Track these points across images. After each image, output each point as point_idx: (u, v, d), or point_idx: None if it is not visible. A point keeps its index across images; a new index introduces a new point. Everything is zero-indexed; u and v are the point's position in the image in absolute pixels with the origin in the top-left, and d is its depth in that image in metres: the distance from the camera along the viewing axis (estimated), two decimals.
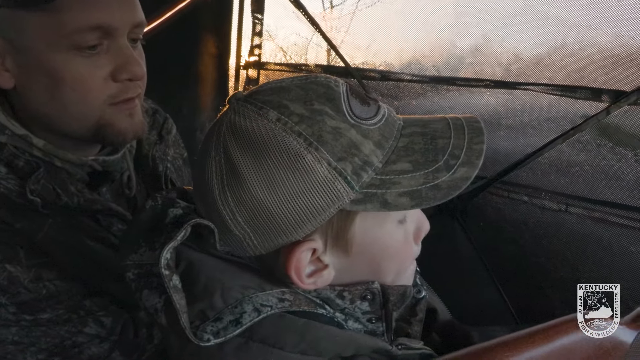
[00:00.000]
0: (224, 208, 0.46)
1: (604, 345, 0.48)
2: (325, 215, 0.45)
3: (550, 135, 1.55)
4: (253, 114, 0.46)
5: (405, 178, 0.45)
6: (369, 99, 0.49)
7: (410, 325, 0.56)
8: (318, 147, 0.44)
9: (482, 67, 1.71)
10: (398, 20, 1.94)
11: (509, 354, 0.45)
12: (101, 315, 0.64)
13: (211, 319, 0.43)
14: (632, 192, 1.46)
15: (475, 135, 0.47)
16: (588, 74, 1.49)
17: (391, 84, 1.89)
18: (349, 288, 0.48)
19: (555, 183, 1.64)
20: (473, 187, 1.75)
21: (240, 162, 0.45)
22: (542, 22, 1.53)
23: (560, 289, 1.59)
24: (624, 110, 1.39)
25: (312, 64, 2.08)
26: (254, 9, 2.04)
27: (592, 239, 1.54)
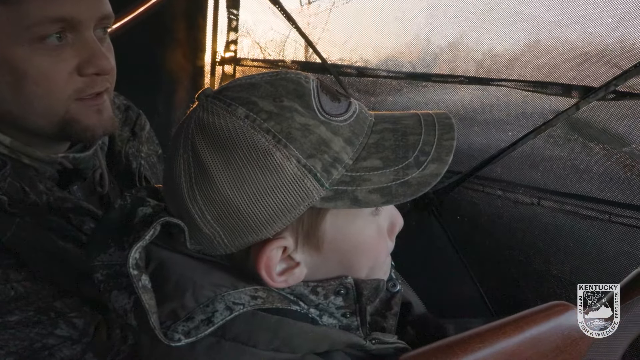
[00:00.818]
0: (193, 206, 0.45)
1: (572, 335, 0.49)
2: (295, 213, 0.44)
3: (523, 131, 1.58)
4: (221, 110, 0.45)
5: (376, 175, 0.45)
6: (339, 95, 0.48)
7: (386, 319, 0.57)
8: (287, 144, 0.43)
9: (456, 64, 1.73)
10: (374, 17, 1.95)
11: (481, 345, 0.46)
12: (73, 317, 0.62)
13: (182, 318, 0.43)
14: (600, 185, 1.51)
15: (446, 131, 0.47)
16: (559, 71, 1.53)
17: (368, 80, 1.90)
18: (323, 284, 0.48)
19: (528, 177, 1.67)
20: (449, 182, 1.78)
21: (208, 160, 0.44)
22: (514, 20, 1.55)
23: (533, 281, 1.63)
24: (592, 105, 1.43)
25: (289, 60, 2.07)
26: (229, 4, 2.02)
27: (564, 231, 1.58)
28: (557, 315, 0.50)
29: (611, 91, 1.38)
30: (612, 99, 1.40)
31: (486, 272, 1.76)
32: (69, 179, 0.71)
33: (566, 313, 0.50)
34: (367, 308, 0.49)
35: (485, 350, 0.46)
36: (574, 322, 0.50)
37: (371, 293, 0.49)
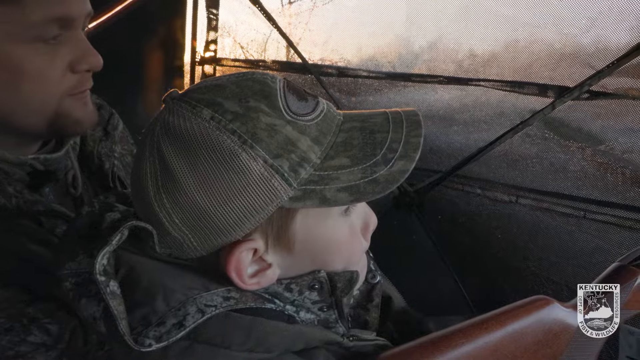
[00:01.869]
0: (160, 210, 0.45)
1: (553, 328, 0.50)
2: (263, 214, 0.44)
3: (501, 130, 1.61)
4: (187, 112, 0.45)
5: (344, 173, 0.45)
6: (307, 94, 0.48)
7: (368, 312, 0.57)
8: (253, 145, 0.43)
9: (435, 64, 1.75)
10: (354, 17, 1.96)
11: (464, 341, 0.46)
12: (47, 323, 0.61)
13: (154, 323, 0.42)
14: (576, 183, 1.54)
15: (413, 128, 0.48)
16: (535, 71, 1.56)
17: (348, 80, 1.91)
18: (296, 280, 0.48)
19: (506, 176, 1.70)
20: (429, 181, 1.79)
21: (174, 162, 0.44)
22: (491, 21, 1.58)
23: (512, 277, 1.66)
24: (568, 105, 1.46)
25: (269, 60, 2.06)
26: (208, 4, 2.00)
27: (541, 228, 1.61)
28: (538, 309, 0.50)
29: (585, 91, 1.41)
30: (586, 98, 1.43)
31: (466, 269, 1.78)
32: (40, 181, 0.69)
33: (547, 307, 0.51)
34: (343, 300, 0.49)
35: (468, 346, 0.47)
36: (555, 316, 0.51)
37: (345, 285, 0.49)
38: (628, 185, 1.45)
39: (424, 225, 1.84)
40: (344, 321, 0.51)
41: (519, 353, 0.48)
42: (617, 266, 0.55)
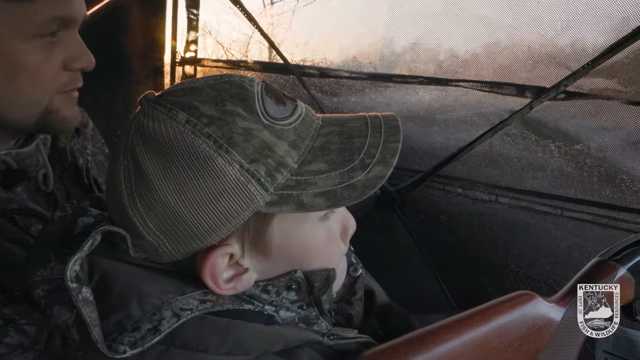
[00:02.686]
0: (134, 214, 0.44)
1: (537, 323, 0.51)
2: (239, 219, 0.44)
3: (481, 130, 1.63)
4: (162, 115, 0.44)
5: (321, 178, 0.45)
6: (285, 98, 0.48)
7: (352, 306, 0.57)
8: (228, 149, 0.43)
9: (416, 65, 1.77)
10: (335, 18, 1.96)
11: (450, 336, 0.47)
12: (24, 324, 0.60)
13: (129, 329, 0.42)
14: (554, 182, 1.57)
15: (392, 133, 0.48)
16: (513, 72, 1.59)
17: (330, 81, 1.91)
18: (272, 281, 0.48)
19: (486, 175, 1.73)
20: (411, 181, 1.81)
21: (148, 166, 0.43)
22: (470, 22, 1.60)
23: (492, 275, 1.69)
24: (545, 105, 1.49)
25: (251, 60, 2.05)
26: (188, 3, 1.98)
27: (520, 226, 1.64)
28: (522, 304, 0.51)
29: (562, 91, 1.44)
30: (562, 98, 1.46)
31: (448, 268, 1.80)
32: (13, 179, 0.68)
33: (530, 302, 0.52)
34: (322, 298, 0.49)
35: (454, 341, 0.47)
36: (538, 311, 0.52)
37: (322, 284, 0.49)
38: (603, 183, 1.49)
39: (406, 224, 1.86)
40: (326, 317, 0.51)
41: (503, 348, 0.49)
42: (597, 261, 0.57)
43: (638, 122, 1.38)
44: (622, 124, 1.43)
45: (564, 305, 0.53)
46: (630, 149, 1.42)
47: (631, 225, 1.39)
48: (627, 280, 0.54)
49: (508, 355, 0.49)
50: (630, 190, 1.43)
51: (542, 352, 0.51)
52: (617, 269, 0.54)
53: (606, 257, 0.56)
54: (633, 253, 0.56)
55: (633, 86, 1.36)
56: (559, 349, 0.52)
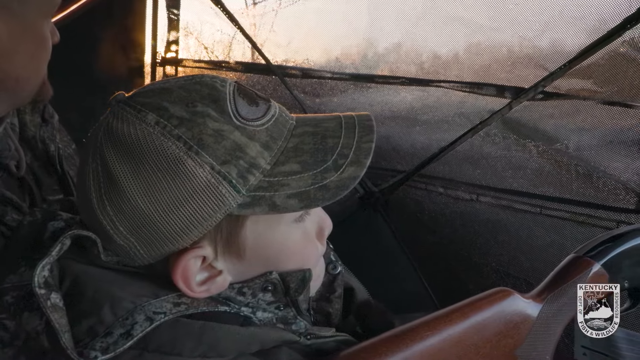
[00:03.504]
0: (104, 218, 0.44)
1: (514, 319, 0.52)
2: (211, 221, 0.43)
3: (461, 130, 1.65)
4: (131, 117, 0.44)
5: (294, 179, 0.44)
6: (258, 98, 0.48)
7: (331, 304, 0.57)
8: (199, 151, 0.42)
9: (397, 65, 1.78)
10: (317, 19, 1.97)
11: (429, 333, 0.47)
12: (3, 318, 0.59)
13: (101, 334, 0.41)
14: (533, 181, 1.60)
15: (365, 133, 0.47)
16: (492, 72, 1.61)
17: (313, 81, 1.91)
18: (248, 283, 0.47)
19: (467, 174, 1.75)
20: (393, 181, 1.82)
21: (117, 169, 0.43)
22: (450, 24, 1.62)
23: (474, 273, 1.71)
24: (524, 105, 1.52)
25: (232, 61, 2.04)
26: (169, 3, 1.96)
27: (500, 225, 1.67)
28: (499, 301, 0.52)
29: (540, 92, 1.46)
30: (540, 99, 1.49)
31: (430, 266, 1.82)
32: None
33: (508, 299, 0.52)
34: (299, 298, 0.49)
35: (433, 338, 0.47)
36: (515, 307, 0.53)
37: (298, 285, 0.48)
38: (581, 181, 1.52)
39: (389, 224, 1.87)
40: (304, 316, 0.50)
41: (481, 344, 0.49)
42: (573, 257, 0.58)
43: (613, 122, 1.42)
44: (598, 124, 1.46)
45: (541, 301, 0.54)
46: (606, 148, 1.46)
47: (607, 222, 1.43)
48: (601, 276, 0.55)
49: (486, 351, 0.49)
50: (607, 188, 1.46)
51: (520, 348, 0.51)
52: (591, 265, 0.55)
53: (581, 253, 0.57)
54: (607, 249, 0.57)
55: (608, 86, 1.40)
56: (536, 344, 0.52)
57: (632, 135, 1.38)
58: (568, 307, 0.54)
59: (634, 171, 1.39)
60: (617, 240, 0.57)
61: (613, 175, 1.44)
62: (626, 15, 1.28)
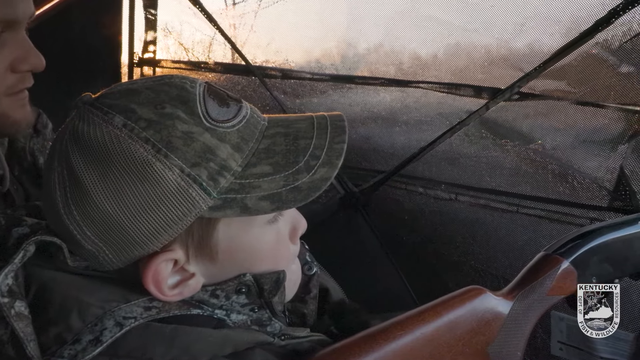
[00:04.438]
0: (71, 223, 0.43)
1: (485, 317, 0.53)
2: (181, 225, 0.43)
3: (440, 130, 1.67)
4: (97, 119, 0.43)
5: (266, 181, 0.44)
6: (229, 99, 0.47)
7: (306, 304, 0.57)
8: (167, 154, 0.41)
9: (377, 66, 1.79)
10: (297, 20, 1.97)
11: (402, 333, 0.48)
12: None
13: (69, 341, 0.40)
14: (510, 180, 1.63)
15: (337, 134, 0.47)
16: (470, 73, 1.63)
17: (293, 82, 1.91)
18: (221, 286, 0.47)
19: (446, 174, 1.77)
20: (374, 181, 1.83)
21: (83, 173, 0.42)
22: (428, 25, 1.64)
23: (454, 272, 1.73)
24: (500, 105, 1.54)
25: (212, 61, 2.03)
26: (146, 3, 1.94)
27: (479, 223, 1.69)
28: (471, 299, 0.53)
29: (515, 92, 1.49)
30: (516, 99, 1.51)
31: (411, 266, 1.83)
32: None
33: (480, 297, 0.53)
34: (273, 300, 0.48)
35: (406, 337, 0.48)
36: (487, 304, 0.53)
37: (272, 287, 0.48)
38: (556, 180, 1.55)
39: (370, 224, 1.88)
40: (279, 318, 0.50)
41: (453, 342, 0.50)
42: (543, 255, 0.59)
43: (586, 122, 1.45)
44: (571, 124, 1.50)
45: (512, 298, 0.55)
46: (579, 147, 1.49)
47: (582, 219, 1.46)
48: (570, 273, 0.57)
49: (458, 349, 0.50)
50: (581, 187, 1.49)
51: (491, 345, 0.52)
52: (560, 262, 0.57)
53: (551, 251, 0.58)
54: (576, 246, 0.58)
55: (581, 87, 1.43)
56: (507, 340, 0.53)
57: (604, 134, 1.42)
58: (538, 304, 0.55)
59: (606, 170, 1.42)
60: (585, 238, 0.59)
61: (587, 174, 1.48)
62: (597, 18, 1.31)
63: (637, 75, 1.34)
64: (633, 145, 1.37)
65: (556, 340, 0.90)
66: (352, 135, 1.86)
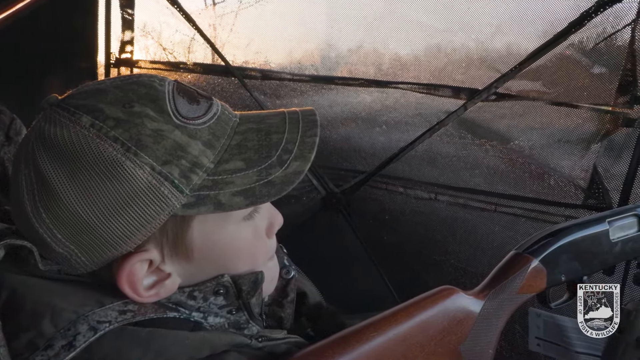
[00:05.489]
0: (40, 226, 0.42)
1: (457, 316, 0.53)
2: (155, 224, 0.42)
3: (420, 130, 1.69)
4: (65, 120, 0.42)
5: (239, 177, 0.44)
6: (199, 96, 0.47)
7: (283, 308, 0.57)
8: (137, 152, 0.41)
9: (356, 67, 1.80)
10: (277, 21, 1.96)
11: (375, 334, 0.48)
12: None
13: (41, 347, 0.40)
14: (488, 179, 1.65)
15: (309, 128, 0.48)
16: (448, 74, 1.65)
17: (273, 83, 1.91)
18: (199, 287, 0.47)
19: (426, 174, 1.78)
20: (355, 182, 1.84)
21: (51, 175, 0.42)
22: (407, 27, 1.65)
23: (434, 271, 1.74)
24: (478, 106, 1.56)
25: (191, 62, 2.01)
26: (123, 3, 1.91)
27: (459, 222, 1.71)
28: (443, 299, 0.53)
29: (493, 93, 1.51)
30: (493, 100, 1.54)
31: (392, 265, 1.84)
32: None
33: (452, 297, 0.54)
34: (251, 301, 0.48)
35: (379, 338, 0.48)
36: (458, 304, 0.54)
37: (250, 287, 0.48)
38: (533, 179, 1.58)
39: (351, 224, 1.89)
40: (257, 320, 0.50)
41: (426, 341, 0.50)
42: (513, 254, 0.60)
43: (561, 122, 1.48)
44: (547, 123, 1.52)
45: (483, 297, 0.56)
46: (555, 146, 1.52)
47: (557, 217, 1.49)
48: (539, 272, 0.58)
49: (431, 348, 0.51)
50: (557, 185, 1.52)
51: (463, 343, 0.53)
52: (530, 261, 0.58)
53: (521, 250, 0.59)
54: (545, 245, 0.59)
55: (555, 88, 1.46)
56: (479, 338, 0.54)
57: (578, 134, 1.45)
58: (508, 302, 0.56)
59: (580, 168, 1.46)
60: (555, 237, 0.60)
61: (562, 173, 1.51)
62: (570, 20, 1.34)
63: (609, 76, 1.37)
64: (605, 145, 1.40)
65: (534, 336, 0.92)
66: (333, 135, 1.87)
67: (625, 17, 1.31)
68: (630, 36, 1.30)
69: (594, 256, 0.61)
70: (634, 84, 1.30)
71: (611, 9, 1.30)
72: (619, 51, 1.34)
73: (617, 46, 1.35)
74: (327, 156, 1.88)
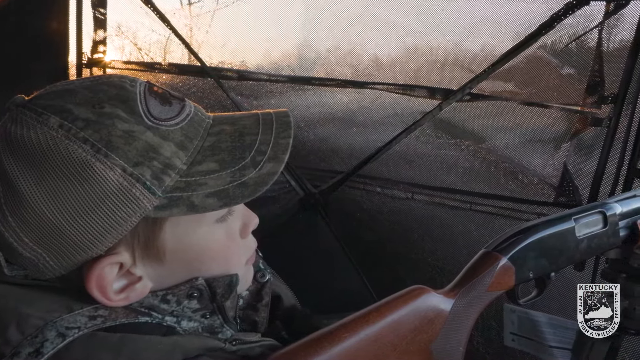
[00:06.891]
0: (6, 230, 0.42)
1: (428, 315, 0.54)
2: (126, 226, 0.42)
3: (396, 130, 1.70)
4: (32, 121, 0.41)
5: (212, 178, 0.44)
6: (171, 98, 0.47)
7: (257, 312, 0.57)
8: (108, 154, 0.41)
9: (333, 68, 1.80)
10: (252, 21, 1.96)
11: (347, 335, 0.48)
12: None
13: (7, 355, 0.39)
14: (463, 178, 1.68)
15: (283, 129, 0.48)
16: (423, 74, 1.67)
17: (250, 84, 1.90)
18: (172, 290, 0.46)
19: (403, 174, 1.80)
20: (332, 182, 1.84)
21: (17, 177, 0.41)
22: (383, 28, 1.66)
23: (412, 270, 1.76)
24: (453, 106, 1.58)
25: (166, 62, 1.99)
26: (95, 2, 1.87)
27: (435, 221, 1.73)
28: (414, 298, 0.54)
29: (467, 93, 1.53)
30: (468, 100, 1.56)
31: (371, 265, 1.85)
32: None
33: (422, 296, 0.55)
34: (226, 304, 0.48)
35: (351, 339, 0.49)
36: (429, 303, 0.55)
37: (225, 290, 0.48)
38: (507, 178, 1.61)
39: (329, 224, 1.89)
40: (231, 324, 0.50)
41: (397, 341, 0.51)
42: (483, 253, 0.61)
43: (532, 121, 1.51)
44: (519, 123, 1.56)
45: (453, 296, 0.56)
46: (527, 145, 1.55)
47: (530, 215, 1.52)
48: (508, 269, 0.59)
49: (402, 348, 0.51)
50: (530, 183, 1.56)
51: (434, 342, 0.54)
52: (499, 259, 0.59)
53: (490, 248, 0.61)
54: (514, 243, 0.61)
55: (527, 88, 1.49)
56: (450, 336, 0.55)
57: (549, 133, 1.48)
58: (478, 300, 0.57)
59: (552, 167, 1.49)
60: (523, 234, 0.61)
61: (534, 171, 1.54)
62: (541, 22, 1.37)
63: (577, 76, 1.41)
64: (575, 143, 1.44)
65: (509, 331, 0.94)
66: (310, 136, 1.87)
67: (593, 20, 1.35)
68: (597, 38, 1.34)
69: (560, 253, 0.63)
70: (602, 85, 1.34)
71: (580, 11, 1.33)
72: (587, 53, 1.38)
73: (586, 48, 1.39)
74: (305, 157, 1.88)
